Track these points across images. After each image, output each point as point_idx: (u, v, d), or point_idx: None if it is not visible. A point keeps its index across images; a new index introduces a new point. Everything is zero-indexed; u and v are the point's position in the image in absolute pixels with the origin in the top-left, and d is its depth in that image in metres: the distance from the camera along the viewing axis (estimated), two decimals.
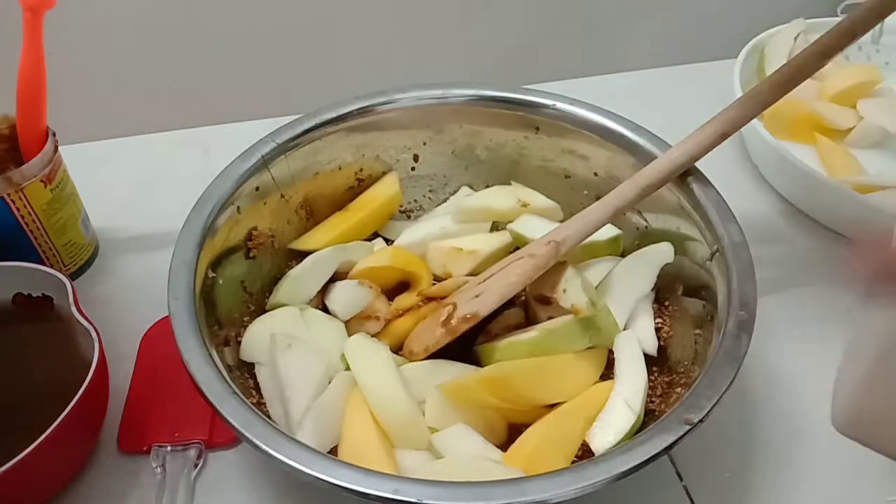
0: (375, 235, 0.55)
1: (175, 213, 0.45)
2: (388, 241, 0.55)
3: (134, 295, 0.55)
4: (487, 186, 0.56)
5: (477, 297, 0.46)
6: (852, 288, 0.30)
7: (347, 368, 0.44)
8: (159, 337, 0.51)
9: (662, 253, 0.50)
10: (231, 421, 0.36)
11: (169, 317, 0.40)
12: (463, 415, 0.42)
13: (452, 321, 0.45)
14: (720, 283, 0.44)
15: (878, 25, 0.43)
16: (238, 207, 0.47)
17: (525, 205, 0.53)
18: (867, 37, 0.45)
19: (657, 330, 0.48)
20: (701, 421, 0.36)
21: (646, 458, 0.35)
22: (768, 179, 0.66)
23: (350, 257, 0.50)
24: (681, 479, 0.46)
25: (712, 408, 0.36)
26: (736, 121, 0.46)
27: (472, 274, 0.51)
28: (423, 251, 0.53)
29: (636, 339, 0.46)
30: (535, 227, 0.50)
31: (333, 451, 0.42)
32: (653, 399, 0.45)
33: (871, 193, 0.59)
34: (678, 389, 0.44)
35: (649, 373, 0.45)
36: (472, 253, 0.51)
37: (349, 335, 0.47)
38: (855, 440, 0.47)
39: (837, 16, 0.73)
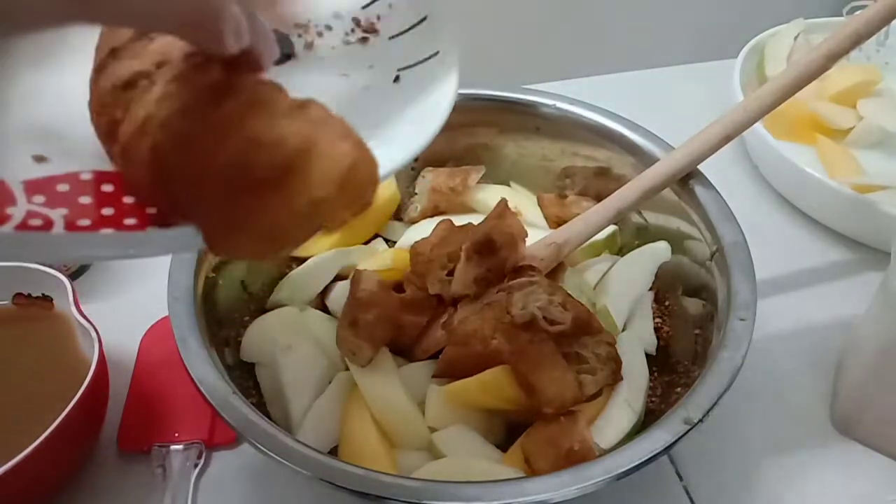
0: (376, 236, 0.55)
1: None
2: (389, 242, 0.55)
3: (134, 295, 0.55)
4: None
5: None
6: None
7: (347, 368, 0.44)
8: (159, 337, 0.51)
9: (659, 252, 0.50)
10: (231, 421, 0.36)
11: (169, 317, 0.40)
12: (462, 415, 0.42)
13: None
14: (720, 282, 0.44)
15: (884, 28, 0.43)
16: None
17: (518, 213, 0.52)
18: (871, 39, 0.45)
19: (657, 330, 0.48)
20: (701, 421, 0.36)
21: (646, 458, 0.35)
22: (768, 179, 0.66)
23: (352, 260, 0.50)
24: (681, 479, 0.46)
25: (712, 408, 0.36)
26: (739, 124, 0.46)
27: None
28: None
29: (637, 338, 0.46)
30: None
31: (333, 451, 0.42)
32: (653, 399, 0.45)
33: (871, 193, 0.58)
34: (678, 389, 0.44)
35: (649, 372, 0.45)
36: None
37: None
38: (855, 440, 0.48)
39: (837, 16, 0.73)
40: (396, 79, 0.33)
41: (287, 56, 0.33)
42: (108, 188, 0.26)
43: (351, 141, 0.23)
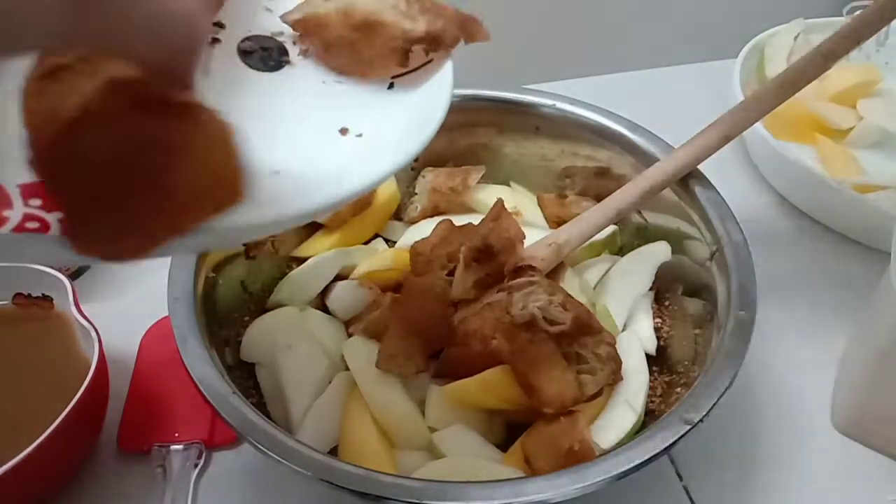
0: (376, 236, 0.55)
1: None
2: (389, 242, 0.55)
3: (134, 295, 0.55)
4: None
5: None
6: None
7: (347, 368, 0.44)
8: (159, 337, 0.51)
9: (659, 252, 0.50)
10: (231, 421, 0.36)
11: (169, 317, 0.40)
12: (463, 415, 0.42)
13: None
14: (720, 282, 0.44)
15: (884, 28, 0.43)
16: None
17: (518, 214, 0.52)
18: (871, 39, 0.45)
19: (657, 330, 0.48)
20: (701, 421, 0.36)
21: (646, 458, 0.35)
22: (768, 179, 0.66)
23: (352, 260, 0.50)
24: (681, 479, 0.46)
25: (712, 408, 0.36)
26: (739, 124, 0.46)
27: None
28: None
29: (637, 338, 0.46)
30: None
31: (333, 451, 0.42)
32: (653, 399, 0.45)
33: (871, 193, 0.59)
34: (678, 389, 0.44)
35: (649, 372, 0.45)
36: None
37: (349, 336, 0.47)
38: (855, 440, 0.48)
39: (837, 16, 0.73)
40: (390, 86, 0.34)
41: (282, 63, 0.33)
42: None
43: (227, 150, 0.22)
